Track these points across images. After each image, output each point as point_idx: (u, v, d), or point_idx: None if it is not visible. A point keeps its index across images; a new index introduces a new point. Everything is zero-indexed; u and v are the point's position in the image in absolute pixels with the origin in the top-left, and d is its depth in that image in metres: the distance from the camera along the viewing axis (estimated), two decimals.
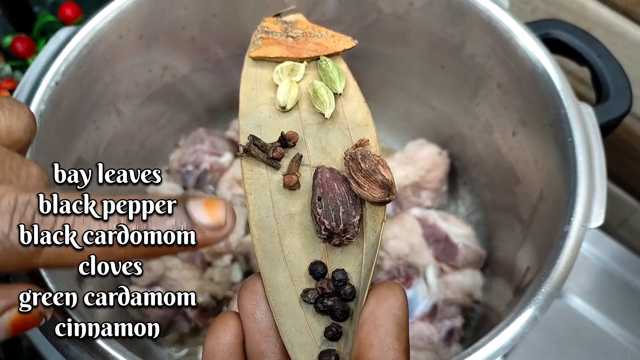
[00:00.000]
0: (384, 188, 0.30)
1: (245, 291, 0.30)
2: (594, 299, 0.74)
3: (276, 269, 0.30)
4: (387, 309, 0.26)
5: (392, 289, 0.27)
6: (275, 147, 0.32)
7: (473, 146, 0.69)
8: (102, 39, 0.56)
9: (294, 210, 0.31)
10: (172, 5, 0.61)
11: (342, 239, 0.30)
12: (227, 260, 0.66)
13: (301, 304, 0.30)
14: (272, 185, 0.32)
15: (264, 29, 0.37)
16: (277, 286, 0.29)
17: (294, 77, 0.35)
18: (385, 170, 0.30)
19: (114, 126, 0.63)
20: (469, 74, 0.63)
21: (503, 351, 0.42)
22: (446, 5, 0.60)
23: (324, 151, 0.33)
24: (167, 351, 0.65)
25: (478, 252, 0.66)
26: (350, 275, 0.30)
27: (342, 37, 0.36)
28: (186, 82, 0.70)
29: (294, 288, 0.30)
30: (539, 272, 0.47)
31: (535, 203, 0.56)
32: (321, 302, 0.29)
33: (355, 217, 0.30)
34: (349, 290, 0.29)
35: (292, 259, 0.30)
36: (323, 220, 0.30)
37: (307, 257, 0.30)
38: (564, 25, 0.58)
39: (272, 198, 0.31)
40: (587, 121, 0.51)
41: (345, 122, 0.34)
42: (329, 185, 0.30)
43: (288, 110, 0.34)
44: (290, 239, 0.31)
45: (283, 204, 0.31)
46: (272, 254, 0.30)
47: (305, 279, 0.30)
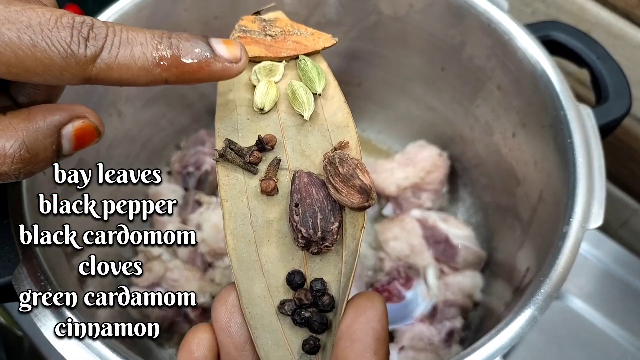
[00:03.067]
0: (362, 193, 0.28)
1: (219, 303, 0.29)
2: (595, 300, 0.74)
3: (252, 279, 0.29)
4: (365, 322, 0.25)
5: (371, 300, 0.26)
6: (252, 151, 0.31)
7: (473, 147, 0.69)
8: None
9: (271, 217, 0.30)
10: (174, 7, 0.61)
11: (320, 247, 0.29)
12: (227, 261, 0.66)
13: (278, 316, 0.28)
14: (249, 191, 0.30)
15: (242, 28, 0.36)
16: (253, 298, 0.28)
17: (272, 78, 0.34)
18: (364, 175, 0.29)
19: (115, 128, 0.63)
20: (469, 75, 0.64)
21: (502, 351, 0.42)
22: (446, 7, 0.60)
23: (304, 154, 0.32)
24: (168, 352, 0.65)
25: (478, 253, 0.66)
26: (329, 284, 0.29)
27: (322, 35, 0.36)
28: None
29: (270, 299, 0.29)
30: (539, 272, 0.47)
31: (535, 204, 0.56)
32: (298, 313, 0.28)
33: (333, 223, 0.29)
34: (327, 300, 0.28)
35: (269, 269, 0.29)
36: (300, 228, 0.28)
37: (284, 266, 0.29)
38: (564, 27, 0.59)
39: (249, 205, 0.30)
40: (587, 122, 0.51)
41: (325, 123, 0.33)
42: (307, 191, 0.29)
43: (266, 112, 0.33)
44: (268, 248, 0.30)
45: (260, 211, 0.30)
46: (248, 263, 0.29)
47: (283, 289, 0.29)
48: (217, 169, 0.31)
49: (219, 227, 0.65)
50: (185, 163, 0.72)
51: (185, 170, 0.72)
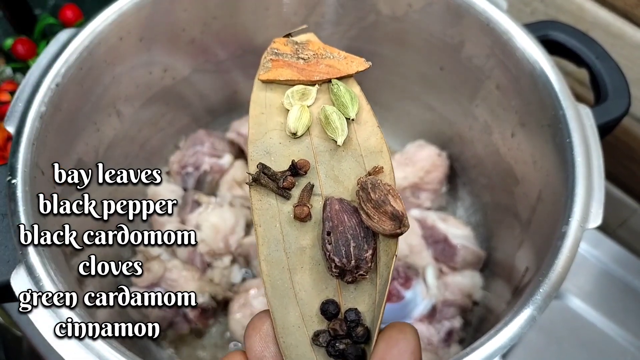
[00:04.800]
0: (394, 220, 0.28)
1: (254, 331, 0.28)
2: (594, 300, 0.74)
3: (287, 307, 0.28)
4: (397, 354, 0.25)
5: (404, 332, 0.25)
6: (285, 177, 0.30)
7: (472, 147, 0.69)
8: (103, 41, 0.56)
9: (304, 244, 0.30)
10: (172, 7, 0.61)
11: (354, 276, 0.28)
12: (226, 261, 0.66)
13: (312, 347, 0.28)
14: (282, 217, 0.30)
15: (274, 51, 0.35)
16: (288, 327, 0.28)
17: (305, 102, 0.33)
18: (396, 201, 0.28)
19: (114, 128, 0.63)
20: (468, 75, 0.64)
21: (501, 351, 0.42)
22: (445, 7, 0.60)
23: (337, 180, 0.31)
24: (167, 352, 0.65)
25: (477, 253, 0.66)
26: (363, 315, 0.28)
27: (355, 59, 0.35)
28: (186, 84, 0.70)
29: (305, 329, 0.28)
30: (538, 272, 0.47)
31: (534, 204, 0.57)
32: (333, 345, 0.27)
33: (367, 251, 0.28)
34: (361, 332, 0.27)
35: (303, 297, 0.29)
36: (333, 257, 0.28)
37: (318, 294, 0.29)
38: (563, 27, 0.59)
39: (282, 230, 0.30)
40: (586, 122, 0.51)
41: (359, 148, 0.32)
42: (339, 218, 0.29)
43: (299, 137, 0.32)
44: (302, 275, 0.29)
45: (294, 237, 0.30)
46: (282, 291, 0.29)
47: (317, 319, 0.29)
48: (250, 193, 0.31)
49: (218, 227, 0.65)
50: (184, 163, 0.72)
51: (184, 170, 0.72)
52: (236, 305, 0.64)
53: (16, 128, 0.50)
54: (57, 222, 0.52)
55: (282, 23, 0.68)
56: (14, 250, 0.45)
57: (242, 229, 0.67)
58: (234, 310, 0.63)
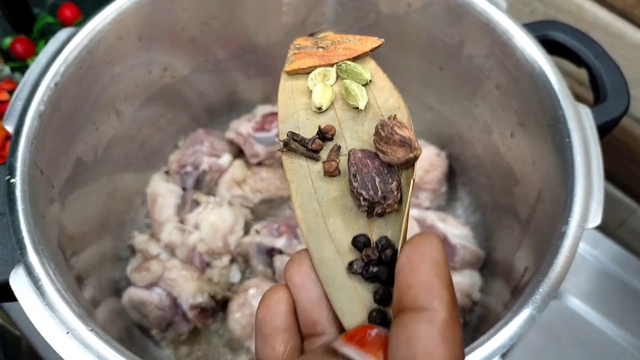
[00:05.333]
0: (403, 146, 0.30)
1: (293, 264, 0.30)
2: (593, 299, 0.74)
3: (322, 245, 0.30)
4: (421, 252, 0.25)
5: (426, 236, 0.26)
6: (314, 140, 0.33)
7: (472, 147, 0.69)
8: (102, 40, 0.56)
9: (336, 195, 0.32)
10: (172, 6, 0.61)
11: (384, 207, 0.30)
12: (225, 261, 0.66)
13: (349, 275, 0.30)
14: (312, 175, 0.33)
15: (296, 46, 0.38)
16: (324, 260, 0.30)
17: (327, 82, 0.36)
18: (402, 129, 0.30)
19: (113, 127, 0.63)
20: (468, 75, 0.64)
21: (501, 351, 0.42)
22: (445, 7, 0.60)
23: (361, 140, 0.33)
24: (165, 352, 0.65)
25: (476, 252, 0.66)
26: (393, 241, 0.30)
27: (369, 39, 0.37)
28: (186, 83, 0.70)
29: (341, 261, 0.30)
30: (537, 272, 0.47)
31: (533, 203, 0.57)
32: (367, 269, 0.29)
33: (392, 183, 0.30)
34: (390, 253, 0.29)
35: (337, 236, 0.31)
36: (360, 192, 0.30)
37: (351, 233, 0.31)
38: (562, 27, 0.59)
39: (314, 185, 0.32)
40: (585, 122, 0.51)
41: (379, 110, 0.35)
42: (363, 162, 0.31)
43: (324, 111, 0.35)
44: (334, 219, 0.31)
45: (325, 190, 0.32)
46: (316, 231, 0.31)
47: (352, 253, 0.30)
48: (282, 158, 0.33)
49: (217, 227, 0.65)
50: (183, 163, 0.72)
51: (183, 169, 0.72)
52: (235, 305, 0.64)
53: (15, 127, 0.50)
54: (55, 221, 0.52)
55: (281, 23, 0.68)
56: (13, 250, 0.45)
57: (241, 228, 0.67)
58: (233, 310, 0.63)
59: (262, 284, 0.64)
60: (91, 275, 0.57)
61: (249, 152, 0.72)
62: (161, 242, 0.67)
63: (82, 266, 0.56)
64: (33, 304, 0.43)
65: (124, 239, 0.69)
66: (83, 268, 0.56)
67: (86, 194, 0.60)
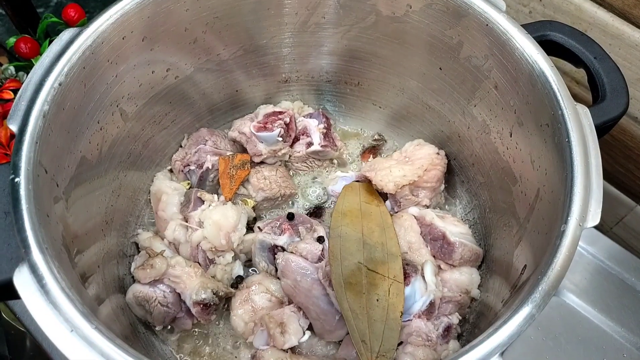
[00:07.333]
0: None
1: None
2: (590, 296, 0.74)
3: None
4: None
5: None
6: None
7: (471, 146, 0.70)
8: (106, 40, 0.57)
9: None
10: (175, 7, 0.61)
11: None
12: (228, 258, 0.66)
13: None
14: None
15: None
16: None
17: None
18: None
19: (117, 126, 0.64)
20: (467, 75, 0.64)
21: (500, 349, 0.42)
22: (444, 8, 0.61)
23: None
24: (169, 347, 0.66)
25: (475, 250, 0.66)
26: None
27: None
28: (189, 83, 0.70)
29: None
30: (536, 270, 0.48)
31: (532, 202, 0.57)
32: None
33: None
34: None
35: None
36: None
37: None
38: (561, 27, 0.59)
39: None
40: (584, 122, 0.52)
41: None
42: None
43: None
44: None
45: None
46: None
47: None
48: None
49: (220, 225, 0.65)
50: (187, 161, 0.72)
51: (186, 168, 0.72)
52: (238, 301, 0.64)
53: (19, 127, 0.50)
54: (60, 220, 0.53)
55: (283, 23, 0.69)
56: (17, 248, 0.45)
57: (243, 226, 0.68)
58: (236, 307, 0.64)
59: (264, 281, 0.65)
60: (95, 272, 0.58)
61: (251, 151, 0.72)
62: (165, 239, 0.68)
63: (87, 264, 0.56)
64: (37, 303, 0.43)
65: (128, 236, 0.70)
66: (87, 266, 0.56)
67: (90, 192, 0.60)
